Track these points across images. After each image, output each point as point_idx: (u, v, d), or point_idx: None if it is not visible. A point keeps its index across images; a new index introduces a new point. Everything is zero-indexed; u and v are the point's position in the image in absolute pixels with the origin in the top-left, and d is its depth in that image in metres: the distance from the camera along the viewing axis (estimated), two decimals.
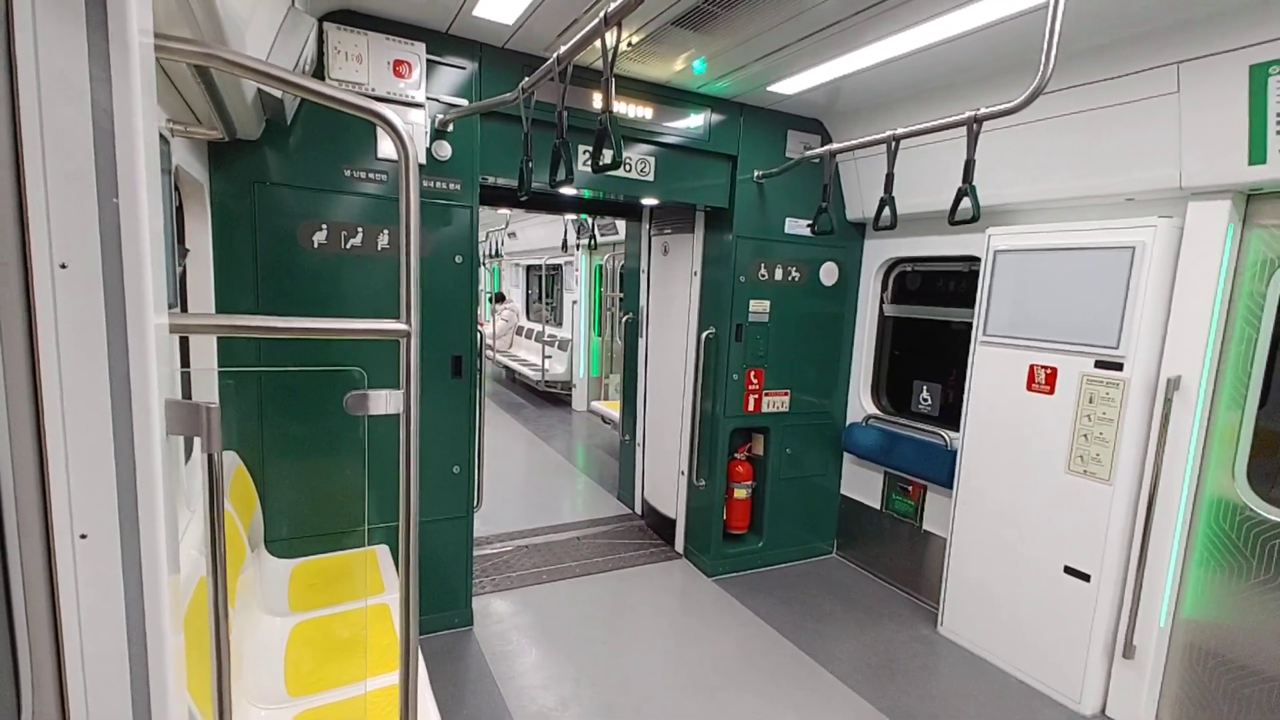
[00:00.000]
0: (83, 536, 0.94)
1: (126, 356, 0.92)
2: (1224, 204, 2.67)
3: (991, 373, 3.46)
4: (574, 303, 9.57)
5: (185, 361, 2.61)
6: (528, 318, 12.58)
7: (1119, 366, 2.93)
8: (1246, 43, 2.39)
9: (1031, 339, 3.26)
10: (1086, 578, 3.07)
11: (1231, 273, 2.75)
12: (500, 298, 12.30)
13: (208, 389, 2.78)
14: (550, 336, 10.26)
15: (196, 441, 1.11)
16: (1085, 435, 3.05)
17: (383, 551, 3.14)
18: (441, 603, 3.50)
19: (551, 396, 10.31)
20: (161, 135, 1.90)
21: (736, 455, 4.50)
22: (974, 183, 2.61)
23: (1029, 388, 3.27)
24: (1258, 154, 2.47)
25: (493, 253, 12.89)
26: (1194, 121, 2.62)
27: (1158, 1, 2.41)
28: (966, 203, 2.63)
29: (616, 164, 2.08)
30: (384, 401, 1.35)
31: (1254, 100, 2.43)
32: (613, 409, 7.40)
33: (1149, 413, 2.90)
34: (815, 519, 4.71)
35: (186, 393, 2.61)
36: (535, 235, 10.56)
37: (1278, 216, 2.65)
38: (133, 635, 0.98)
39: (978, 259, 3.58)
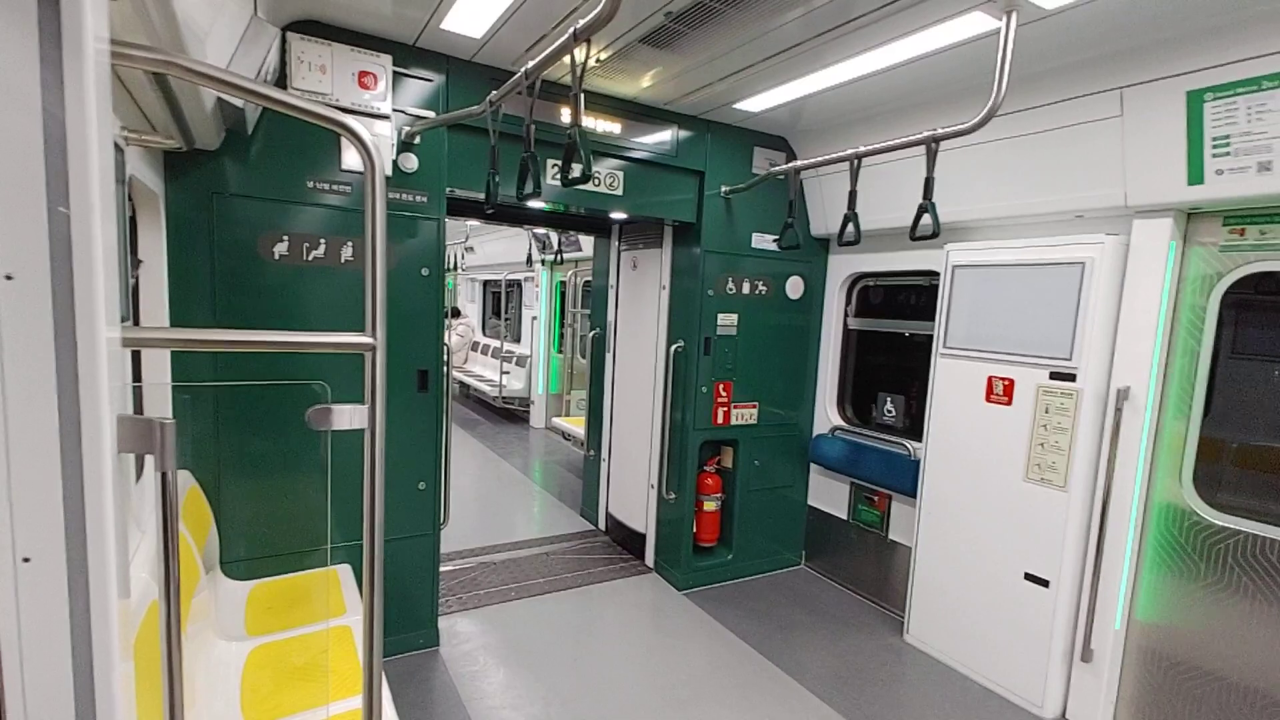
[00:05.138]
0: (25, 560, 0.89)
1: (75, 370, 0.88)
2: (1166, 222, 2.80)
3: (952, 384, 3.55)
4: (534, 319, 9.52)
5: (137, 376, 2.52)
6: (483, 333, 12.47)
7: (1072, 377, 3.03)
8: (1184, 70, 2.53)
9: (989, 351, 3.35)
10: (1046, 583, 3.15)
11: (1175, 287, 2.88)
12: (455, 313, 12.15)
13: (161, 404, 2.68)
14: (508, 353, 10.17)
15: (147, 459, 1.07)
16: (1042, 444, 3.15)
17: (345, 571, 3.05)
18: (406, 623, 3.42)
19: (508, 413, 10.20)
20: (116, 144, 1.84)
21: (706, 468, 4.51)
22: (933, 200, 2.69)
23: (988, 398, 3.36)
24: (1195, 175, 2.61)
25: (449, 267, 12.77)
26: (1137, 143, 2.75)
27: (1102, 30, 2.53)
28: (927, 219, 2.71)
29: (586, 178, 2.09)
30: (348, 417, 1.32)
31: (1191, 124, 2.56)
32: (574, 425, 7.36)
33: (1101, 422, 3.01)
34: (784, 530, 4.74)
35: (139, 409, 2.51)
36: (494, 250, 10.48)
37: (1215, 235, 2.79)
38: (78, 664, 0.93)
39: (937, 274, 3.68)
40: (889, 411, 4.43)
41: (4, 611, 0.89)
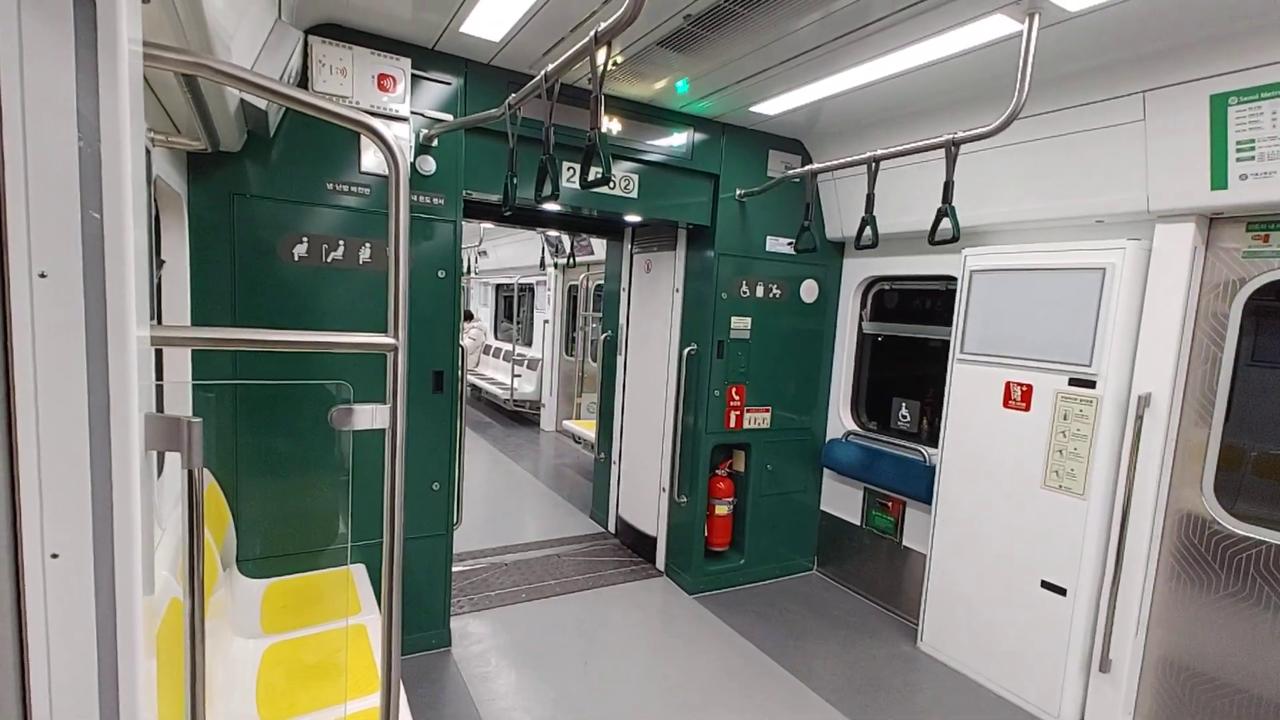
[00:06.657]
0: (54, 556, 0.90)
1: (106, 368, 0.89)
2: (1189, 227, 2.76)
3: (969, 390, 3.51)
4: (545, 322, 9.55)
5: (159, 375, 2.55)
6: (495, 337, 12.52)
7: (1092, 384, 2.99)
8: (1208, 73, 2.50)
9: (1007, 357, 3.32)
10: (1063, 592, 3.11)
11: (1197, 293, 2.84)
12: (468, 316, 12.20)
13: (181, 403, 2.71)
14: (519, 356, 10.19)
15: (167, 456, 1.07)
16: (1060, 451, 3.11)
17: (359, 571, 3.07)
18: (419, 623, 3.43)
19: (519, 416, 10.21)
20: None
21: (717, 472, 4.50)
22: (953, 203, 2.67)
23: (1005, 404, 3.33)
24: (1219, 180, 2.57)
25: (463, 271, 12.78)
26: (1159, 148, 2.72)
27: (1125, 33, 2.50)
28: (946, 223, 2.69)
29: (606, 180, 2.09)
30: (370, 416, 1.33)
31: (1215, 128, 2.53)
32: (584, 428, 7.37)
33: (1121, 429, 2.97)
34: (796, 535, 4.71)
35: (159, 408, 2.54)
36: (507, 254, 10.52)
37: (1238, 240, 2.75)
38: (103, 660, 0.94)
39: (954, 278, 3.65)
40: (903, 417, 4.40)
41: (33, 606, 0.90)
